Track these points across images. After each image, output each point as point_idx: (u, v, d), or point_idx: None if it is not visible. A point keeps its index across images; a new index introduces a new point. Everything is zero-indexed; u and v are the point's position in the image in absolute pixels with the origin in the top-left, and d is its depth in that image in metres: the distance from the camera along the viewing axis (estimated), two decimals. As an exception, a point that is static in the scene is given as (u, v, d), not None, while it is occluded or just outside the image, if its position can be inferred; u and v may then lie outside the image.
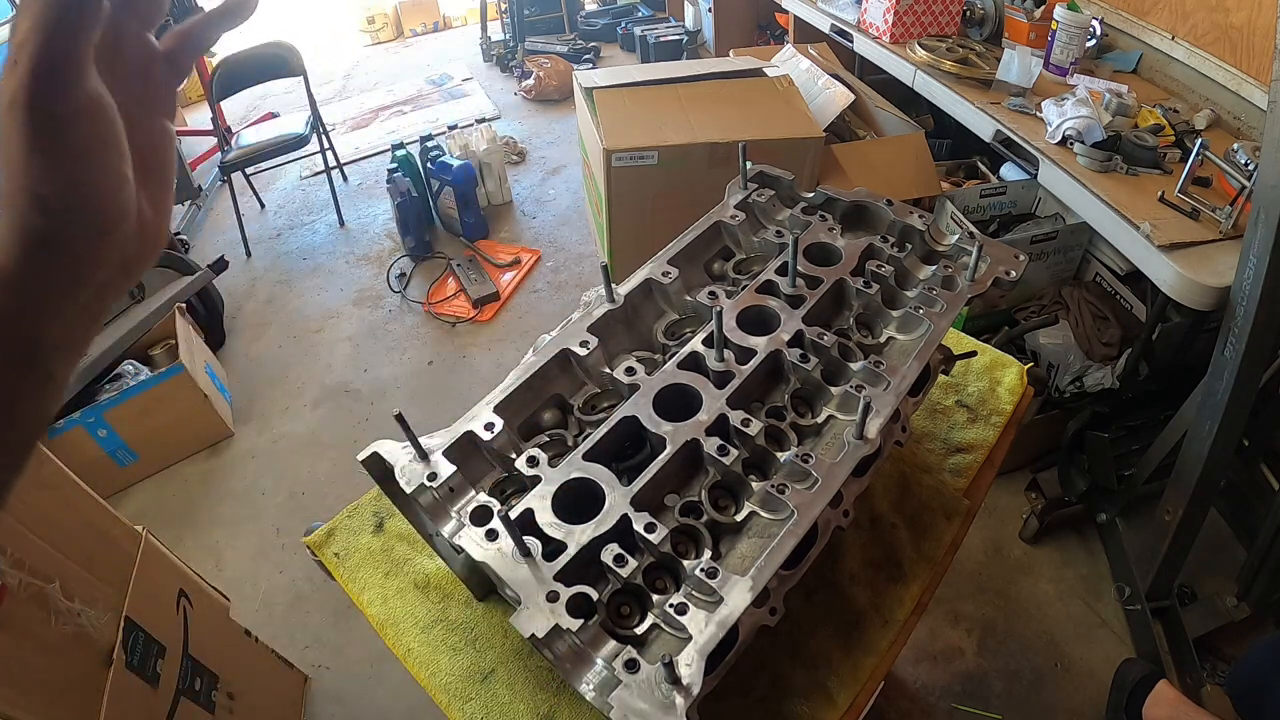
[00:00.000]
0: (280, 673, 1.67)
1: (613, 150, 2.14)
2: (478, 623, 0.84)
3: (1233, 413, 1.38)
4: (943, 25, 2.41)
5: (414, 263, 3.14)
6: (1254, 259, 1.26)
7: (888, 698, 1.64)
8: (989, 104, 2.02)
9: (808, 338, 0.77)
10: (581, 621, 0.57)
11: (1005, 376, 1.12)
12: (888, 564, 0.89)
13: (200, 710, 1.31)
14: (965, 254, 0.86)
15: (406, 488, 0.64)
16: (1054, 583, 1.85)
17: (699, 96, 2.35)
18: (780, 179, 0.96)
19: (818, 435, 0.74)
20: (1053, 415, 1.93)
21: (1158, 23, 2.07)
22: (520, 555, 0.60)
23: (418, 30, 5.96)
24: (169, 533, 2.06)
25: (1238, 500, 1.82)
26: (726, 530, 0.67)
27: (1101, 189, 1.66)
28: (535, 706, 0.77)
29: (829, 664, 0.80)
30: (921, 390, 0.82)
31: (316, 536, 0.95)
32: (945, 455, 1.02)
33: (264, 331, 2.92)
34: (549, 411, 0.77)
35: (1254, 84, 1.79)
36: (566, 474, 0.65)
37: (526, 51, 4.78)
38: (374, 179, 3.84)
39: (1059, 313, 1.99)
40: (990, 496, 1.24)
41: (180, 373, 2.25)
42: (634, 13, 5.17)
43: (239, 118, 4.54)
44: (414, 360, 2.70)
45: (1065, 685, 1.67)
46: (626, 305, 0.81)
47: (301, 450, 2.39)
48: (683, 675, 0.53)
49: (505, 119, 4.33)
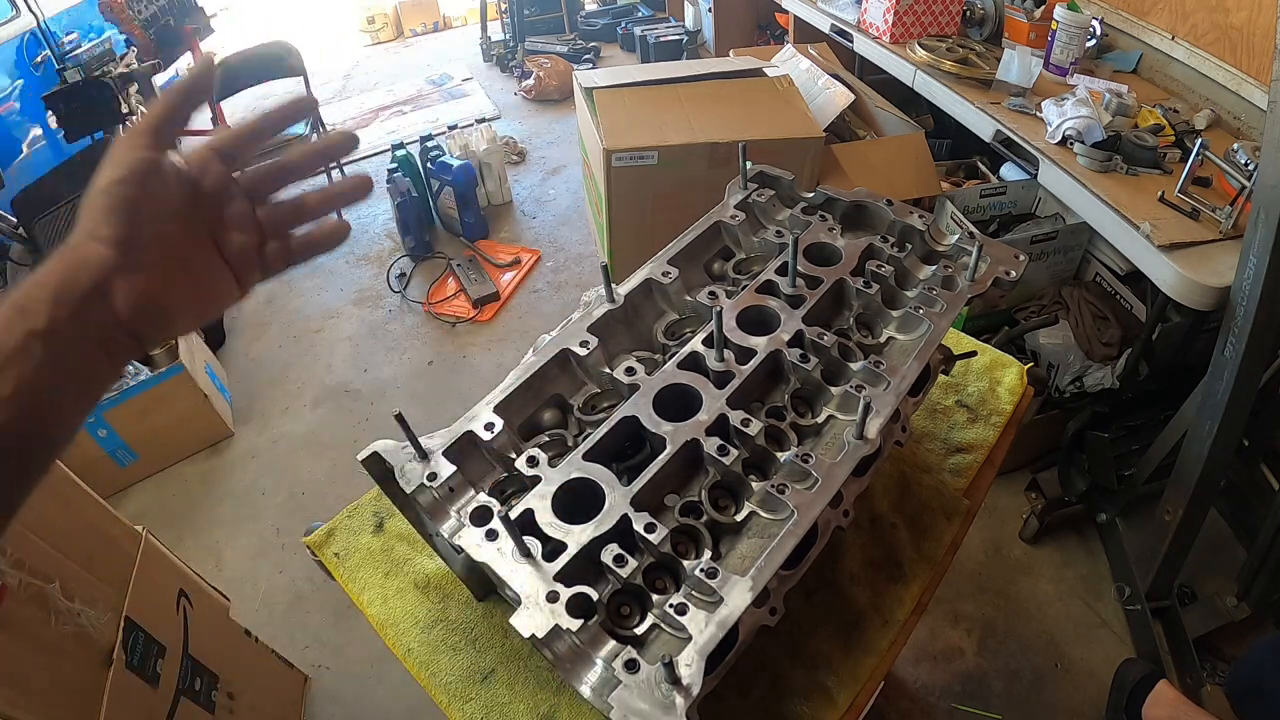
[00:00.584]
0: (280, 673, 1.67)
1: (613, 150, 2.14)
2: (478, 623, 0.84)
3: (1233, 413, 1.38)
4: (943, 25, 2.41)
5: (414, 263, 3.14)
6: (1254, 259, 1.25)
7: (888, 698, 1.64)
8: (989, 104, 2.02)
9: (808, 338, 0.77)
10: (581, 621, 0.57)
11: (1005, 376, 1.12)
12: (888, 564, 0.89)
13: (200, 710, 1.30)
14: (965, 254, 0.86)
15: (406, 488, 0.64)
16: (1054, 583, 1.85)
17: (699, 96, 2.35)
18: (780, 179, 0.96)
19: (818, 435, 0.74)
20: (1053, 415, 1.93)
21: (1158, 23, 2.07)
22: (520, 555, 0.60)
23: (418, 30, 5.96)
24: (169, 533, 2.06)
25: (1238, 500, 1.82)
26: (726, 530, 0.67)
27: (1101, 189, 1.66)
28: (535, 706, 0.77)
29: (829, 664, 0.80)
30: (921, 390, 0.82)
31: (316, 536, 0.95)
32: (945, 455, 1.02)
33: (264, 331, 2.92)
34: (549, 411, 0.77)
35: (1254, 84, 1.79)
36: (566, 474, 0.65)
37: (526, 51, 4.77)
38: (374, 179, 3.84)
39: (1059, 313, 1.99)
40: (990, 496, 1.24)
41: (180, 373, 2.24)
42: (634, 13, 5.17)
43: (239, 118, 4.54)
44: (414, 360, 2.69)
45: (1065, 685, 1.66)
46: (626, 305, 0.81)
47: (301, 450, 2.39)
48: (683, 675, 0.53)
49: (505, 119, 4.33)
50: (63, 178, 2.47)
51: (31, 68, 3.42)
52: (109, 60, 3.13)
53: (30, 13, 3.42)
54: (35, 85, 3.36)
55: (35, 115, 3.35)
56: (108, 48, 3.22)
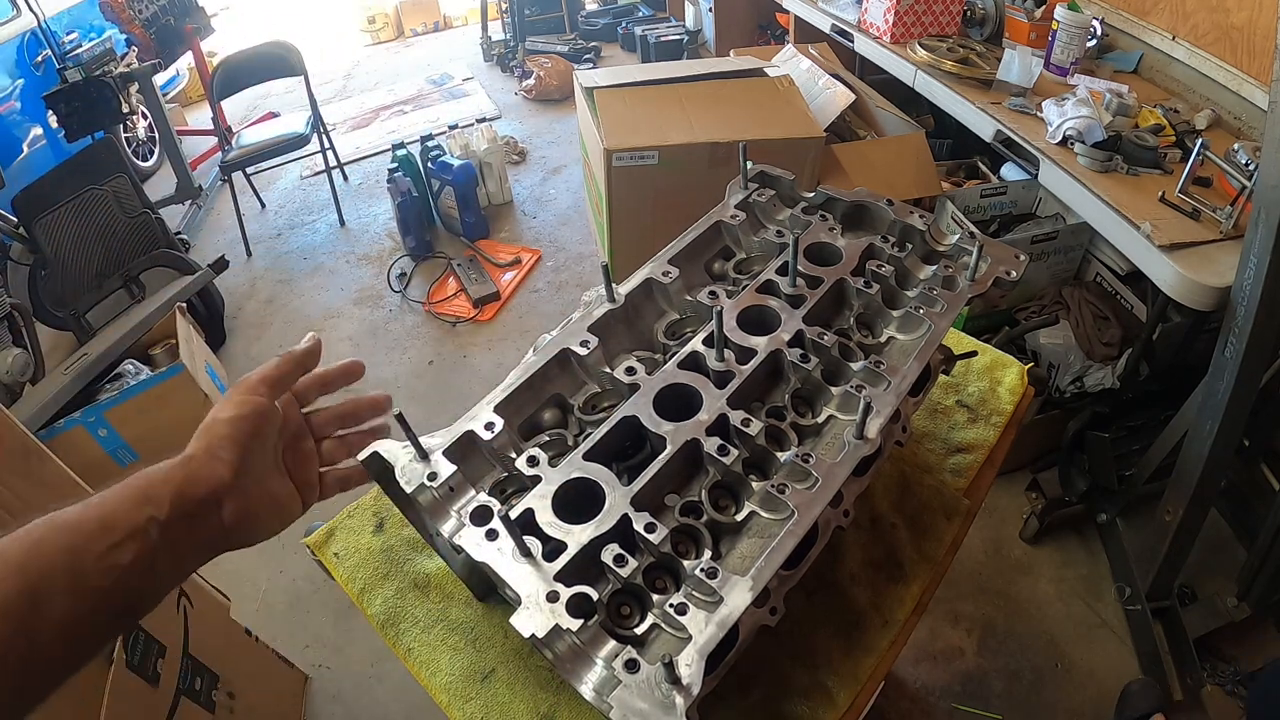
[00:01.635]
0: (280, 672, 1.67)
1: (613, 150, 2.13)
2: (478, 623, 0.84)
3: (1233, 413, 1.38)
4: (943, 25, 2.41)
5: (414, 262, 3.14)
6: (1254, 259, 1.25)
7: (888, 698, 1.64)
8: (989, 104, 2.02)
9: (808, 337, 0.77)
10: (581, 621, 0.57)
11: (1005, 376, 1.12)
12: (888, 564, 0.89)
13: (200, 709, 1.31)
14: (966, 254, 0.86)
15: (406, 487, 0.64)
16: (1054, 583, 1.85)
17: (699, 96, 2.35)
18: (781, 179, 0.96)
19: (818, 435, 0.74)
20: (1053, 415, 1.93)
21: (1158, 23, 2.07)
22: (520, 555, 0.60)
23: (418, 30, 5.96)
24: (169, 532, 2.05)
25: (1238, 500, 1.82)
26: (726, 530, 0.67)
27: (1102, 189, 1.66)
28: (535, 706, 0.77)
29: (829, 664, 0.80)
30: (922, 390, 0.82)
31: (316, 536, 0.95)
32: (945, 455, 1.02)
33: (264, 331, 2.92)
34: (549, 411, 0.77)
35: (1254, 84, 1.79)
36: (567, 474, 0.65)
37: (527, 51, 4.78)
38: (374, 179, 3.84)
39: (1059, 313, 1.98)
40: (990, 496, 1.24)
41: (181, 372, 2.25)
42: (634, 13, 5.17)
43: (240, 117, 4.54)
44: (414, 360, 2.70)
45: (1065, 685, 1.66)
46: (627, 305, 0.81)
47: (302, 450, 2.39)
48: (683, 675, 0.53)
49: (506, 119, 4.33)
50: (63, 178, 2.47)
51: (32, 67, 3.42)
52: (109, 60, 3.13)
53: (31, 12, 3.42)
54: (36, 85, 3.36)
55: (36, 115, 3.36)
56: (108, 47, 3.22)
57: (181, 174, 3.54)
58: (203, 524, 0.49)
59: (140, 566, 0.44)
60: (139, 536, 0.44)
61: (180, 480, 0.48)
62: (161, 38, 3.43)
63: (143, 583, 0.45)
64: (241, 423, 0.51)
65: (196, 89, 4.65)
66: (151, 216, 2.68)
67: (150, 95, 3.33)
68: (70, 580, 0.42)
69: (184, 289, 2.60)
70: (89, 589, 0.42)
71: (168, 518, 0.46)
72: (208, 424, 0.52)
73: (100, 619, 0.44)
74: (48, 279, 2.44)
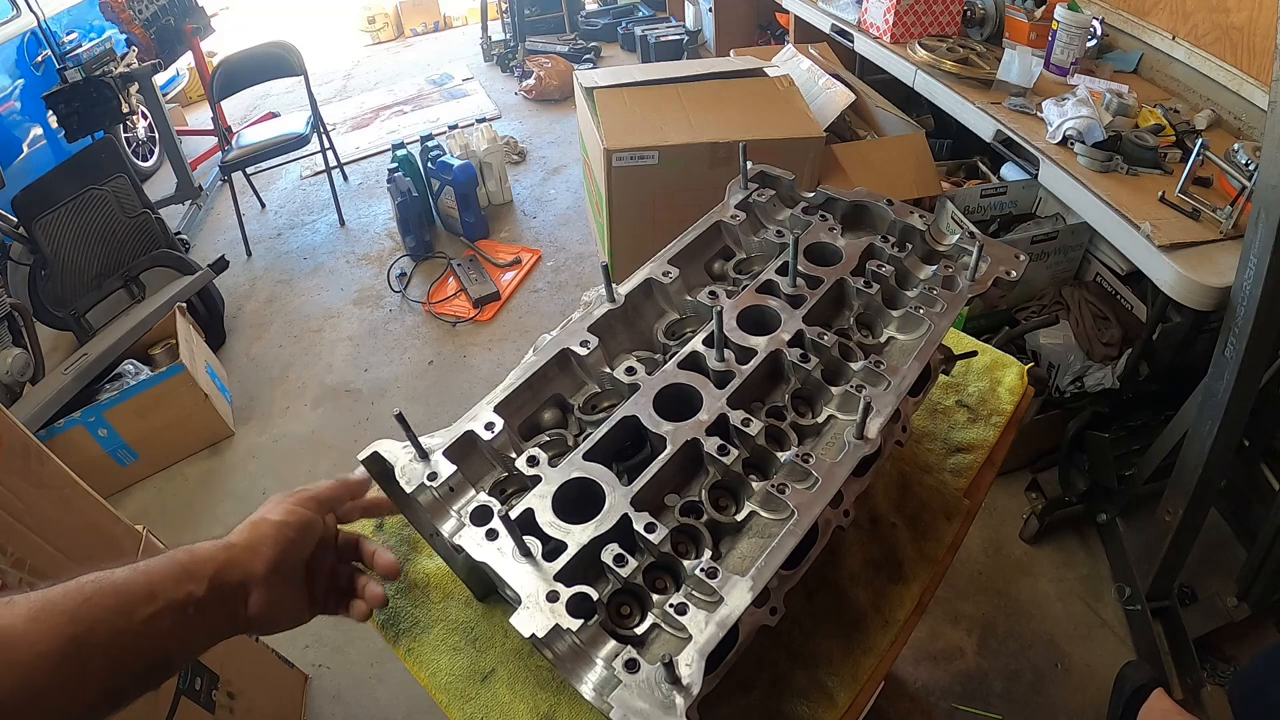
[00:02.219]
0: (280, 672, 1.67)
1: (613, 150, 2.14)
2: (478, 623, 0.84)
3: (1233, 413, 1.38)
4: (943, 25, 2.41)
5: (414, 262, 3.14)
6: (1254, 259, 1.25)
7: (888, 698, 1.64)
8: (989, 104, 2.02)
9: (808, 337, 0.77)
10: (581, 621, 0.57)
11: (1005, 376, 1.12)
12: (888, 564, 0.89)
13: (200, 709, 1.31)
14: (966, 254, 0.86)
15: (407, 487, 0.64)
16: (1054, 583, 1.85)
17: (699, 96, 2.35)
18: (781, 179, 0.96)
19: (818, 435, 0.74)
20: (1053, 415, 1.93)
21: (1158, 23, 2.07)
22: (520, 555, 0.60)
23: (418, 30, 5.96)
24: (169, 532, 2.06)
25: (1238, 500, 1.82)
26: (726, 530, 0.67)
27: (1102, 189, 1.66)
28: (535, 706, 0.77)
29: (829, 664, 0.80)
30: (922, 390, 0.82)
31: (317, 536, 0.95)
32: (945, 455, 1.02)
33: (264, 331, 2.92)
34: (549, 411, 0.77)
35: (1254, 84, 1.79)
36: (567, 474, 0.65)
37: (527, 51, 4.78)
38: (374, 179, 3.84)
39: (1059, 313, 1.98)
40: (990, 496, 1.24)
41: (181, 372, 2.25)
42: (634, 13, 5.17)
43: (239, 117, 4.55)
44: (414, 360, 2.70)
45: (1065, 685, 1.66)
46: (627, 305, 0.81)
47: (302, 450, 2.39)
48: (683, 675, 0.53)
49: (506, 119, 4.33)
50: (63, 178, 2.47)
51: (32, 67, 3.42)
52: (109, 60, 3.13)
53: (31, 12, 3.42)
54: (36, 85, 3.36)
55: (36, 115, 3.36)
56: (108, 47, 3.22)
57: (181, 174, 3.55)
58: (230, 607, 0.55)
59: (175, 633, 0.51)
60: (178, 608, 0.51)
61: (221, 563, 0.54)
62: (161, 38, 3.43)
63: (174, 647, 0.52)
64: (286, 529, 0.58)
65: (196, 89, 4.65)
66: (151, 216, 2.69)
67: (150, 95, 3.33)
68: (112, 637, 0.48)
69: (184, 289, 2.61)
70: (128, 647, 0.49)
71: (204, 595, 0.52)
72: (256, 520, 0.59)
73: (136, 673, 0.50)
74: (48, 279, 2.44)
